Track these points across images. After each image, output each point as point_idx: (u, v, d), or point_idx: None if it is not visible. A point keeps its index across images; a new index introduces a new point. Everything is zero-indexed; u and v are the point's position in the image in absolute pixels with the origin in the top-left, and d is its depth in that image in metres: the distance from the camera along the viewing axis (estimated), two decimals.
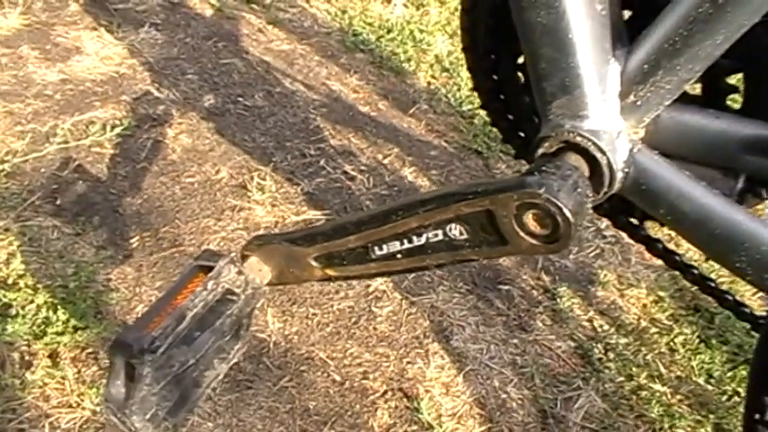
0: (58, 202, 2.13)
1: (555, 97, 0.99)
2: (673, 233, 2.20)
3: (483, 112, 1.27)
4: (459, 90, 2.94)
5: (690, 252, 2.06)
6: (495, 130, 1.40)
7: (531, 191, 0.88)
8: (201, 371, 1.09)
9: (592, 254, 2.34)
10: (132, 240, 2.06)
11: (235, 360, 1.09)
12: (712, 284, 1.38)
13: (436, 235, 0.98)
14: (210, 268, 1.07)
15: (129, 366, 1.01)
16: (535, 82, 1.01)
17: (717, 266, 2.20)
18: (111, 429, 1.63)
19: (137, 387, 1.00)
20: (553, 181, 0.89)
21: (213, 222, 2.16)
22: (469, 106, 2.83)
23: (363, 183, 2.41)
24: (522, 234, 0.92)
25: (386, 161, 2.52)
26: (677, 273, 2.26)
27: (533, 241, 0.92)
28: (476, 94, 1.37)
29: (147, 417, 1.04)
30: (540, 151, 1.00)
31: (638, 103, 0.98)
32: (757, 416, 1.19)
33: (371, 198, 2.35)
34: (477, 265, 2.18)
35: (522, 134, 1.36)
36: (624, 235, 2.41)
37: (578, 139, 0.97)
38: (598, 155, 0.97)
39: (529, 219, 0.91)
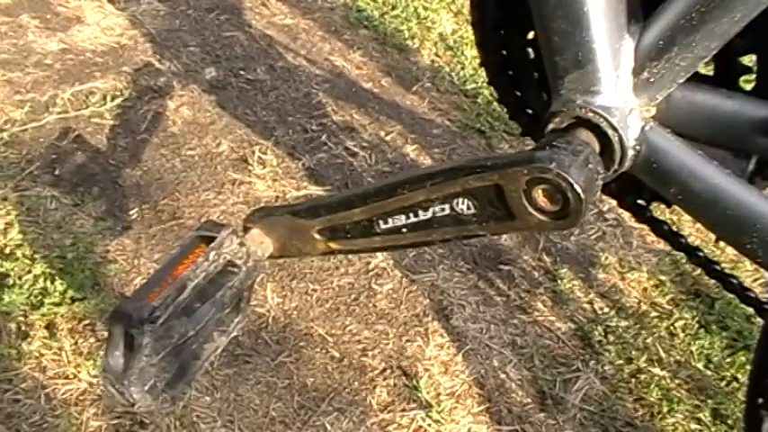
0: (57, 172, 2.11)
1: (567, 72, 0.97)
2: (677, 216, 2.20)
3: (486, 92, 1.27)
4: (462, 69, 2.92)
5: (693, 235, 2.05)
6: (498, 109, 1.38)
7: (541, 165, 0.86)
8: (201, 343, 1.07)
9: (593, 236, 2.32)
10: (131, 212, 2.04)
11: (234, 333, 1.08)
12: (717, 268, 1.36)
13: (443, 209, 0.96)
14: (212, 239, 1.05)
15: (129, 336, 0.99)
16: (547, 56, 0.99)
17: (721, 250, 2.21)
18: (109, 400, 1.62)
19: (135, 357, 0.98)
20: (564, 156, 0.87)
21: (213, 196, 2.14)
22: (473, 85, 2.81)
23: (365, 159, 2.39)
24: (530, 210, 0.90)
25: (388, 138, 2.50)
26: (678, 257, 2.28)
27: (542, 217, 0.91)
28: (481, 71, 1.35)
29: (146, 388, 1.02)
30: (551, 126, 0.99)
31: (652, 79, 0.96)
32: (760, 400, 1.18)
33: (373, 175, 2.33)
34: (478, 245, 2.17)
35: (530, 111, 1.34)
36: (626, 218, 2.42)
37: (590, 114, 0.95)
38: (609, 131, 0.95)
39: (538, 194, 0.89)
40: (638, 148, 0.98)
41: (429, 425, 1.74)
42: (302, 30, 2.98)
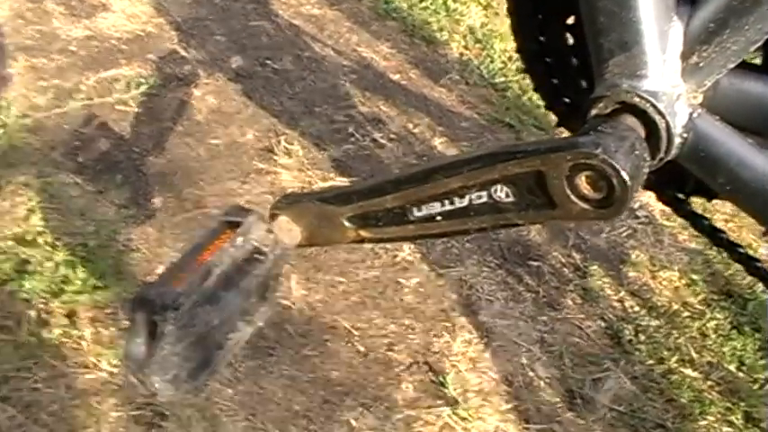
0: (80, 159, 2.09)
1: (612, 55, 0.92)
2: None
3: (516, 86, 1.23)
4: (491, 62, 2.87)
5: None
6: (527, 103, 1.34)
7: (586, 150, 0.81)
8: (225, 332, 1.03)
9: (624, 233, 2.28)
10: (155, 200, 2.01)
11: (260, 323, 1.04)
12: (758, 264, 1.32)
13: (480, 197, 0.91)
14: (239, 224, 1.01)
15: (151, 323, 0.95)
16: (591, 38, 0.95)
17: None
18: (130, 389, 1.60)
19: (158, 345, 0.94)
20: (610, 141, 0.83)
21: (238, 185, 2.12)
22: (502, 79, 2.77)
23: (392, 151, 2.36)
24: (573, 197, 0.85)
25: (416, 130, 2.47)
26: (711, 256, 2.23)
27: (584, 206, 0.86)
28: (510, 64, 1.31)
29: (168, 377, 0.98)
30: (594, 112, 0.94)
31: (701, 64, 0.91)
32: None
33: (400, 167, 2.30)
34: (506, 240, 2.13)
35: (567, 100, 1.30)
36: (658, 215, 2.38)
37: (636, 99, 0.91)
38: (656, 117, 0.91)
39: (582, 181, 0.84)
40: (685, 135, 0.94)
41: (456, 422, 1.70)
42: (329, 20, 2.94)
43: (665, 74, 0.92)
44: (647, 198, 2.37)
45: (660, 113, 0.91)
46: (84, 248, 1.83)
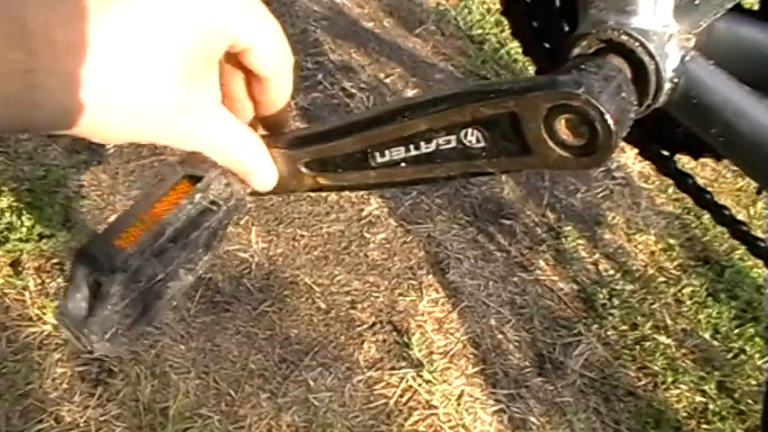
0: None
1: None
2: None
3: (494, 38, 1.15)
4: (469, 14, 2.78)
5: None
6: (505, 56, 1.26)
7: (566, 90, 0.72)
8: (166, 282, 0.94)
9: (600, 194, 2.22)
10: (108, 145, 1.92)
11: (201, 271, 0.95)
12: (744, 228, 1.25)
13: (448, 141, 0.82)
14: (199, 178, 0.92)
15: (95, 282, 0.86)
16: None
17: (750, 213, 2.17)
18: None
19: (101, 306, 0.85)
20: (594, 81, 0.73)
21: None
22: (479, 31, 2.67)
23: (362, 101, 2.28)
24: (550, 143, 0.76)
25: (387, 81, 2.38)
26: (688, 221, 2.17)
27: (563, 153, 0.76)
28: (488, 17, 1.22)
29: (107, 336, 0.90)
30: (576, 51, 0.85)
31: (696, 2, 0.83)
32: None
33: None
34: (478, 196, 2.07)
35: (547, 45, 1.21)
36: (635, 177, 2.32)
37: (623, 38, 0.82)
38: (646, 58, 0.82)
39: (561, 125, 0.75)
40: (675, 80, 0.85)
41: (419, 385, 1.67)
42: None
43: (657, 11, 0.83)
44: (625, 159, 2.31)
45: (650, 54, 0.82)
46: (30, 194, 1.75)
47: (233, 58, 0.55)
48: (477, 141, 0.82)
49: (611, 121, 0.72)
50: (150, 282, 0.94)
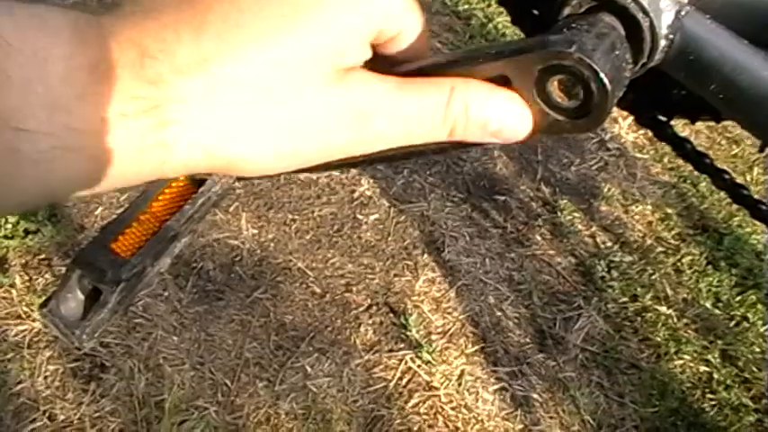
0: None
1: None
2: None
3: (480, 13, 1.12)
4: None
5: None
6: (492, 31, 1.22)
7: (558, 49, 0.68)
8: (153, 270, 0.92)
9: (595, 166, 2.20)
10: None
11: (177, 252, 0.93)
12: (744, 192, 1.21)
13: None
14: (201, 181, 0.89)
15: (94, 289, 0.83)
16: None
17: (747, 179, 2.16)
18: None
19: (98, 312, 0.83)
20: (586, 39, 0.69)
21: None
22: (466, 6, 2.65)
23: None
24: (544, 107, 0.72)
25: None
26: (685, 189, 2.15)
27: (558, 116, 0.73)
28: None
29: (97, 335, 0.87)
30: (566, 11, 0.81)
31: None
32: None
33: None
34: (471, 172, 2.06)
35: (536, 12, 1.17)
36: (630, 147, 2.29)
37: None
38: (639, 15, 0.78)
39: (554, 87, 0.71)
40: (671, 36, 0.82)
41: (419, 366, 1.66)
42: None
43: None
44: (618, 129, 2.29)
45: (643, 10, 0.78)
46: None
47: None
48: None
49: (605, 80, 0.68)
50: (140, 275, 0.92)
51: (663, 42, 0.81)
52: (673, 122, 1.17)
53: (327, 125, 0.39)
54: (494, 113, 0.43)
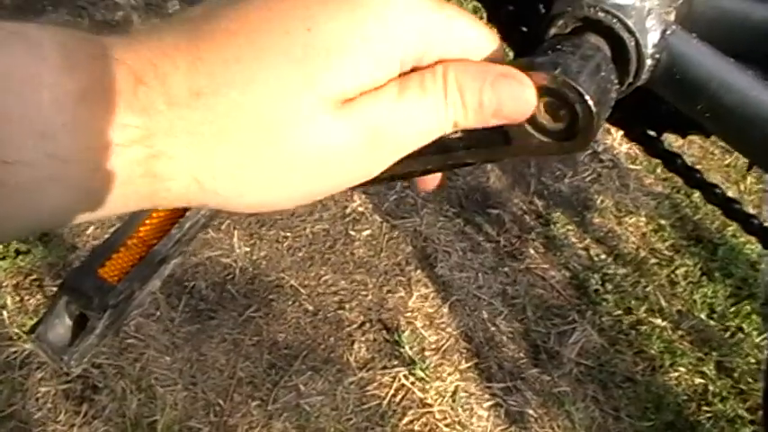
0: None
1: None
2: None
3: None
4: (447, 2, 2.75)
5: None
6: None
7: (543, 72, 0.68)
8: (141, 293, 0.92)
9: (588, 178, 2.20)
10: None
11: (167, 273, 0.94)
12: (736, 206, 1.21)
13: None
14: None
15: (81, 315, 0.84)
16: None
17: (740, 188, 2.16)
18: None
19: (85, 338, 0.84)
20: (571, 61, 0.69)
21: None
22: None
23: None
24: (530, 130, 0.72)
25: None
26: (679, 200, 2.15)
27: (544, 138, 0.72)
28: (465, 5, 1.18)
29: (86, 360, 0.88)
30: (552, 32, 0.81)
31: None
32: None
33: None
34: (464, 187, 2.06)
35: (525, 29, 1.17)
36: (623, 159, 2.29)
37: (600, 14, 0.78)
38: (625, 35, 0.78)
39: (539, 109, 0.71)
40: (657, 56, 0.82)
41: (413, 383, 1.66)
42: None
43: None
44: (611, 141, 2.29)
45: (629, 30, 0.79)
46: None
47: None
48: (454, 132, 0.79)
49: (590, 102, 0.68)
50: (129, 300, 0.92)
51: (649, 62, 0.81)
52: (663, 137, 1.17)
53: (338, 157, 0.37)
54: (487, 94, 0.42)
